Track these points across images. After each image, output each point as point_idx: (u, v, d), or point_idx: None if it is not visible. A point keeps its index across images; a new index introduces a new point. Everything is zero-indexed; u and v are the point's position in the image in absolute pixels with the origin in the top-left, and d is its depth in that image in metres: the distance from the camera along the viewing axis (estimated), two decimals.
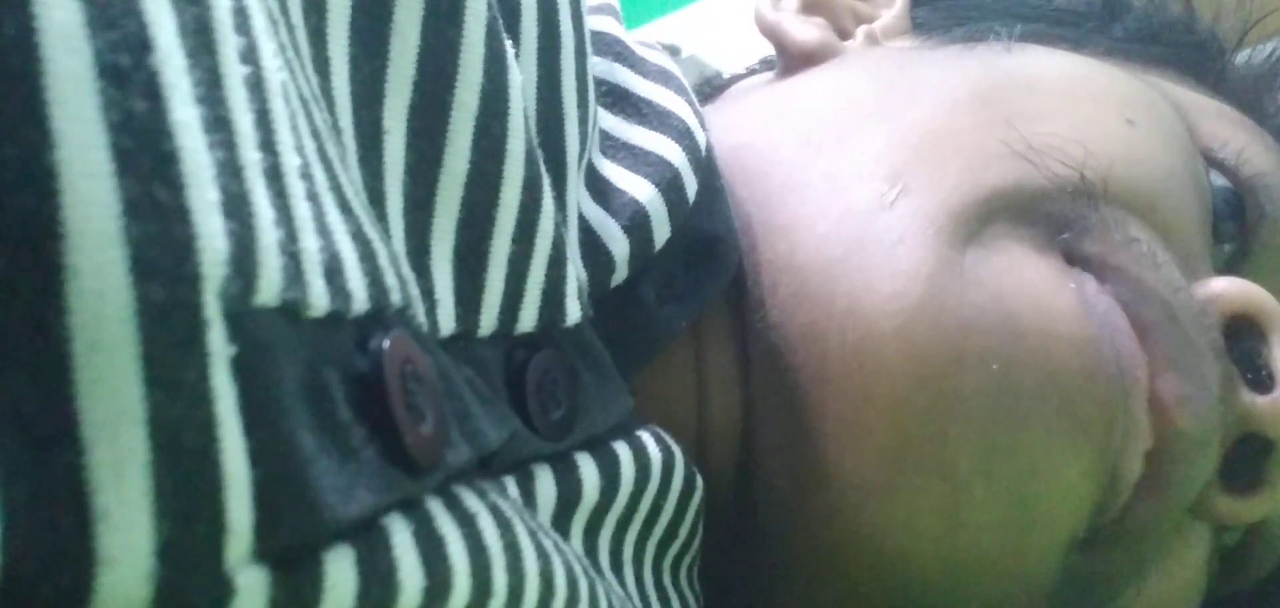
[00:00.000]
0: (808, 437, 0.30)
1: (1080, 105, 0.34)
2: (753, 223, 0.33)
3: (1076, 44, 0.39)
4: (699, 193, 0.31)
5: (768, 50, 0.42)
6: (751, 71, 0.44)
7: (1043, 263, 0.30)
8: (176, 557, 0.14)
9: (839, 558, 0.30)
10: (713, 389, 0.33)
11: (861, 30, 0.40)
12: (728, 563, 0.33)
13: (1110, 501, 0.30)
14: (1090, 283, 0.30)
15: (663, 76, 0.33)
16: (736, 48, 0.47)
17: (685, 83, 0.34)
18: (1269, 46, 0.43)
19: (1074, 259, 0.31)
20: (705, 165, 0.32)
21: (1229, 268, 0.34)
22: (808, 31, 0.39)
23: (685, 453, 0.30)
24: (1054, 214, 0.31)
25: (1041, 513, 0.29)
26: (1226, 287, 0.32)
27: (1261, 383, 0.31)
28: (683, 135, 0.32)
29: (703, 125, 0.33)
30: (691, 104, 0.33)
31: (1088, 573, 0.31)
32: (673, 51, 0.38)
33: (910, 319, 0.29)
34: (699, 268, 0.32)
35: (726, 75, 0.45)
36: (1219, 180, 0.35)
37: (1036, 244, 0.31)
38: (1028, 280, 0.30)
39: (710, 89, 0.43)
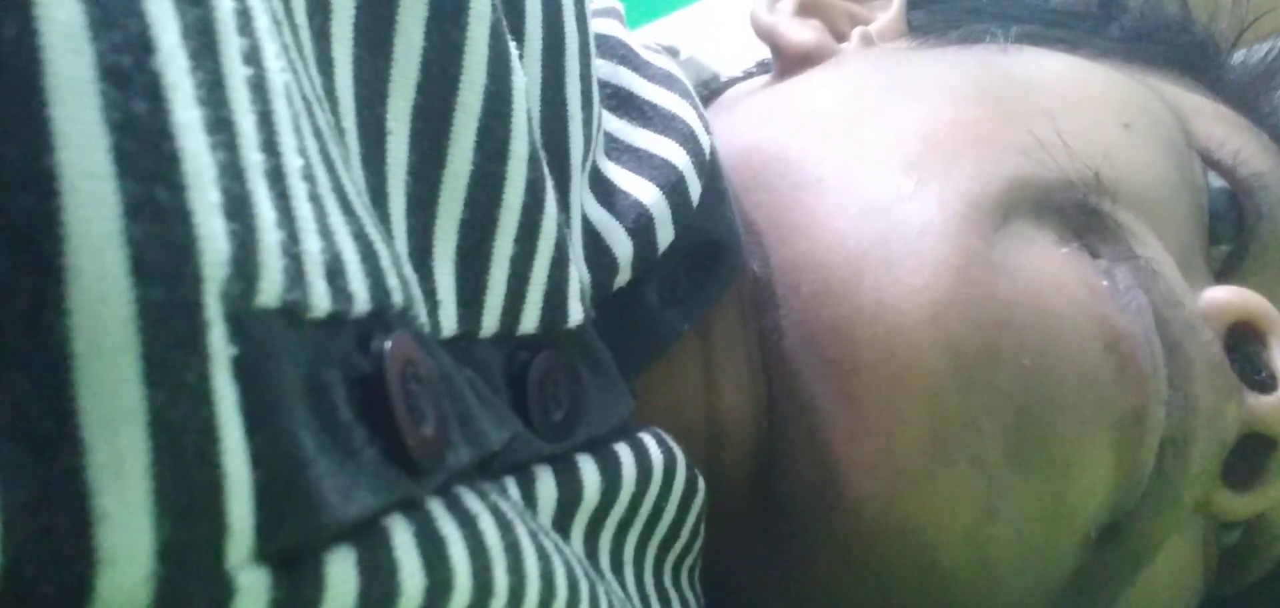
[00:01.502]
0: (837, 430, 0.30)
1: (1079, 108, 0.34)
2: (768, 224, 0.33)
3: (1072, 45, 0.39)
4: (703, 197, 0.31)
5: (766, 53, 0.42)
6: (748, 75, 0.44)
7: (1071, 256, 0.31)
8: (177, 557, 0.14)
9: (869, 550, 0.30)
10: (724, 389, 0.32)
11: (857, 32, 0.41)
12: (741, 564, 0.33)
13: (1129, 495, 0.30)
14: (1124, 275, 0.31)
15: (667, 80, 0.34)
16: (735, 50, 0.47)
17: (689, 87, 0.34)
18: (1265, 46, 0.43)
19: (1094, 256, 0.31)
20: (709, 169, 0.32)
21: (1227, 268, 0.35)
22: (803, 33, 0.39)
23: (693, 454, 0.31)
24: (1069, 211, 0.31)
25: (1070, 505, 0.30)
26: (1227, 297, 0.32)
27: (1263, 384, 0.32)
28: (687, 139, 0.32)
29: (707, 129, 0.33)
30: (696, 108, 0.33)
31: (1096, 569, 0.32)
32: (671, 53, 0.38)
33: (942, 310, 0.29)
34: (702, 272, 0.32)
35: (724, 78, 0.45)
36: (1216, 181, 0.35)
37: (1060, 238, 0.31)
38: (1059, 272, 0.30)
39: (707, 92, 0.43)
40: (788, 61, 0.39)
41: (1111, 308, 0.30)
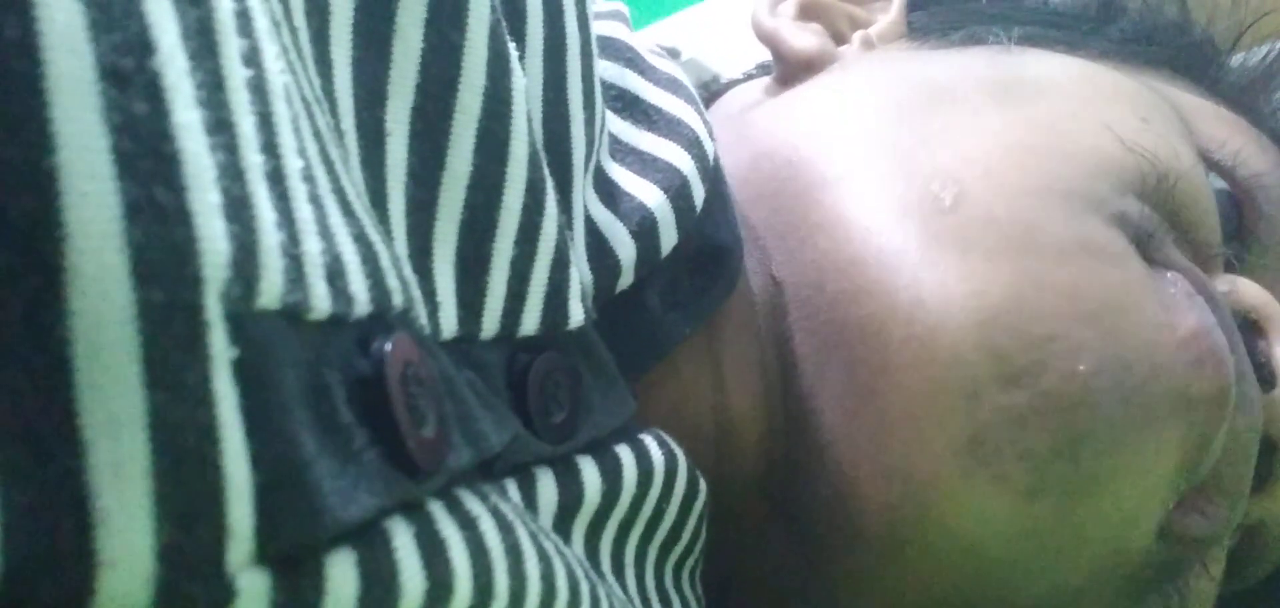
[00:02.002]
0: (866, 430, 0.30)
1: (1093, 106, 0.34)
2: (785, 227, 0.33)
3: (1072, 46, 0.39)
4: (706, 201, 0.31)
5: (767, 55, 0.42)
6: (748, 76, 0.44)
7: (1132, 263, 0.30)
8: (177, 560, 0.14)
9: (904, 549, 0.30)
10: (733, 392, 0.32)
11: (858, 36, 0.40)
12: (752, 567, 0.33)
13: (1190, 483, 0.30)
14: (1182, 282, 0.31)
15: (672, 85, 0.33)
16: (736, 51, 0.47)
17: (694, 92, 0.34)
18: (1264, 49, 0.43)
19: (1152, 262, 0.31)
20: (713, 175, 0.32)
21: (1227, 270, 0.35)
22: (805, 39, 0.39)
23: (701, 457, 0.30)
24: (1129, 211, 0.31)
25: (1122, 500, 0.30)
26: (1239, 288, 0.33)
27: (1265, 380, 0.32)
28: (692, 144, 0.32)
29: (711, 135, 0.33)
30: (700, 113, 0.33)
31: (1165, 563, 0.32)
32: (673, 54, 0.38)
33: (990, 318, 0.29)
34: (705, 276, 0.32)
35: (725, 79, 0.45)
36: (1216, 182, 0.35)
37: (1121, 244, 0.31)
38: (1121, 285, 0.30)
39: (707, 93, 0.43)
40: (789, 67, 0.39)
41: (1182, 309, 0.30)
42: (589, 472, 0.26)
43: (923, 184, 0.31)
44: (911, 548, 0.30)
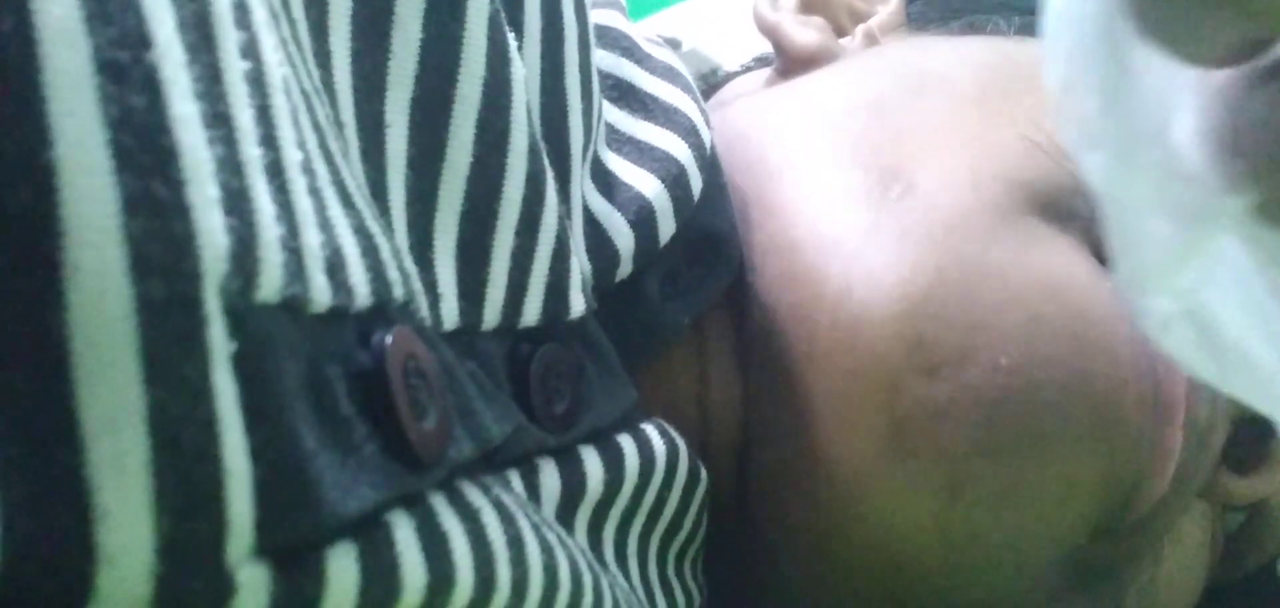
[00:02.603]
0: (798, 419, 0.30)
1: None
2: (746, 206, 0.33)
3: None
4: (703, 191, 0.31)
5: (767, 47, 0.42)
6: (745, 69, 0.44)
7: (1073, 254, 0.30)
8: (177, 554, 0.14)
9: (833, 541, 0.30)
10: (713, 380, 0.32)
11: (860, 29, 0.40)
12: (727, 553, 0.33)
13: (1131, 504, 0.30)
14: None
15: (669, 74, 0.33)
16: (737, 42, 0.47)
17: (691, 81, 0.34)
18: None
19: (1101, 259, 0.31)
20: (710, 164, 0.32)
21: None
22: (807, 33, 0.39)
23: (689, 445, 0.30)
24: (1075, 208, 0.31)
25: (1051, 494, 0.29)
26: None
27: (1239, 462, 0.32)
28: (689, 133, 0.32)
29: (708, 124, 0.33)
30: (697, 102, 0.33)
31: (1103, 559, 0.31)
32: (673, 45, 0.38)
33: (913, 308, 0.29)
34: (702, 265, 0.32)
35: (725, 70, 0.45)
36: None
37: (1063, 234, 0.30)
38: (1056, 275, 0.29)
39: (707, 85, 0.43)
40: (791, 60, 0.39)
41: (1119, 322, 0.29)
42: (591, 462, 0.26)
43: (878, 175, 0.31)
44: (837, 543, 0.30)
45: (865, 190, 0.31)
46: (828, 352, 0.29)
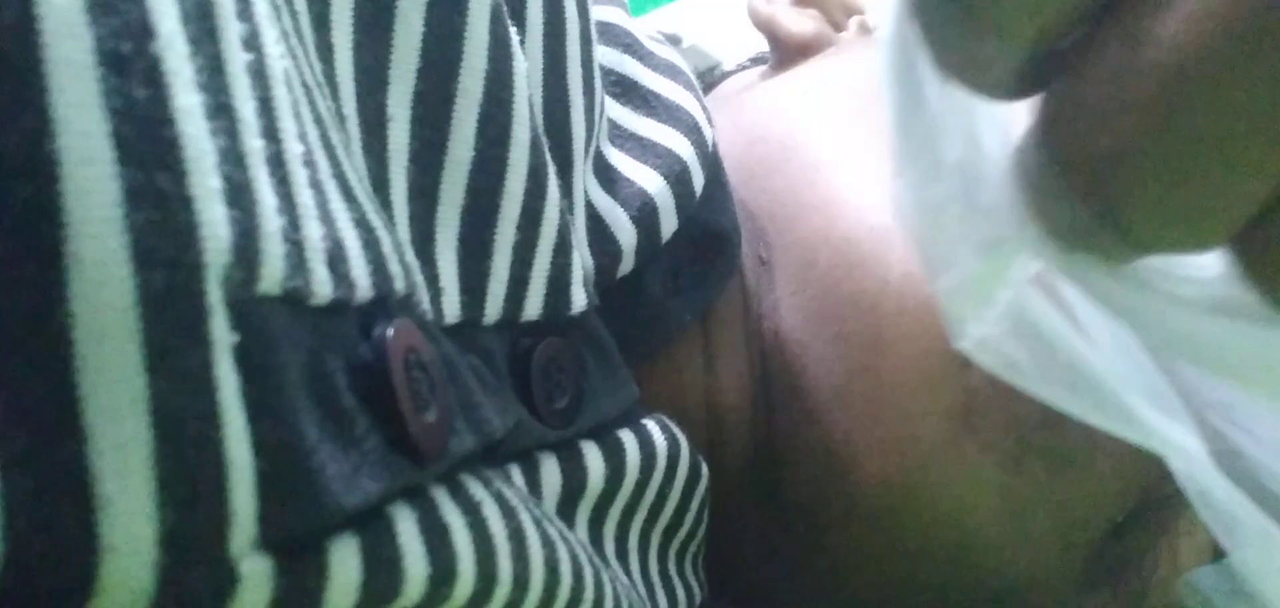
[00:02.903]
0: (860, 403, 0.30)
1: None
2: (776, 206, 0.33)
3: None
4: (705, 187, 0.31)
5: (764, 45, 0.42)
6: (741, 68, 0.44)
7: None
8: (180, 545, 0.14)
9: (897, 519, 0.31)
10: (723, 376, 0.32)
11: (855, 21, 0.41)
12: (744, 551, 0.33)
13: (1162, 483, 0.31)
14: None
15: (671, 71, 0.34)
16: (737, 38, 0.47)
17: (692, 78, 0.34)
18: None
19: None
20: (712, 161, 0.32)
21: None
22: (802, 24, 0.39)
23: (695, 441, 0.30)
24: None
25: (1096, 476, 0.30)
26: None
27: None
28: (691, 130, 0.32)
29: (710, 121, 0.33)
30: (699, 99, 0.33)
31: (1131, 550, 0.32)
32: (673, 41, 0.38)
33: None
34: (704, 262, 0.32)
35: (724, 67, 0.45)
36: None
37: None
38: None
39: (707, 81, 0.43)
40: (786, 53, 0.39)
41: None
42: (593, 457, 0.26)
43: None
44: (905, 517, 0.30)
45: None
46: (899, 336, 0.30)
